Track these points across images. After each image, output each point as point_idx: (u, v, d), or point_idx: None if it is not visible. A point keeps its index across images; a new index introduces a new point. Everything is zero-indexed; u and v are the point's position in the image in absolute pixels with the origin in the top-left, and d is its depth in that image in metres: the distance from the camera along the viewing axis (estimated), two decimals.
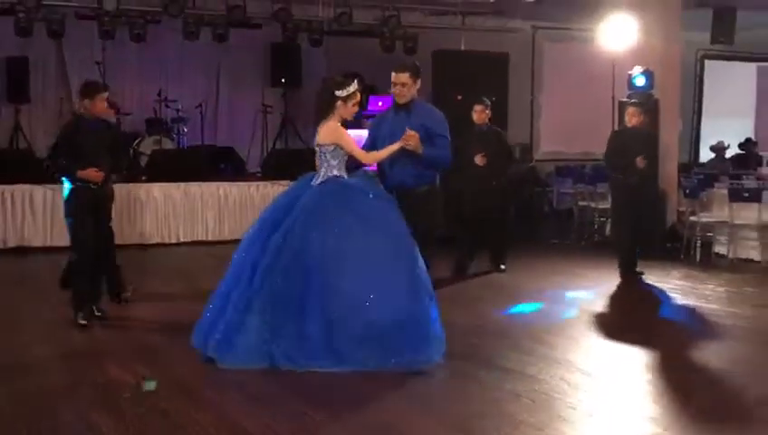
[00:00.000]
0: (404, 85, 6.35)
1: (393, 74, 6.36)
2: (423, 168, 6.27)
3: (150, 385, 5.25)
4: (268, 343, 5.57)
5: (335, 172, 5.98)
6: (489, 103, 9.65)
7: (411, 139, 6.02)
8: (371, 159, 6.20)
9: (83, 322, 6.99)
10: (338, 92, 5.98)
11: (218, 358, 5.65)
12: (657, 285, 9.11)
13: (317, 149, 6.07)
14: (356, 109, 6.09)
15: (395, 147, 6.07)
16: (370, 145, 6.47)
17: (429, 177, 6.41)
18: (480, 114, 9.52)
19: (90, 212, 7.06)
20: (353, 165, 6.14)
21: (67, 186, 7.06)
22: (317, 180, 6.03)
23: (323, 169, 6.01)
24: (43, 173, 11.93)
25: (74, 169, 6.95)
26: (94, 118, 7.11)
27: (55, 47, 13.93)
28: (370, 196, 5.99)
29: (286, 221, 5.79)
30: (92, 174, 6.96)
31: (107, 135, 7.29)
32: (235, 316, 5.65)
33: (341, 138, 5.97)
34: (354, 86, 6.02)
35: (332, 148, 5.95)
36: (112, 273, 7.58)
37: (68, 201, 7.07)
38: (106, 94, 7.17)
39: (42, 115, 13.93)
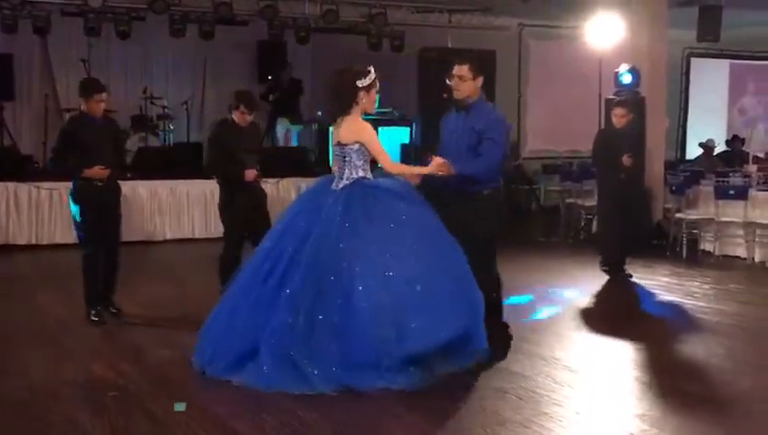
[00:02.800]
0: (461, 78, 5.93)
1: (455, 67, 5.97)
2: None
3: (180, 407, 4.93)
4: (306, 368, 5.04)
5: (360, 173, 5.45)
6: None
7: (438, 167, 5.60)
8: (395, 169, 5.62)
9: (95, 318, 7.01)
10: (359, 82, 5.43)
11: (252, 383, 5.12)
12: (643, 282, 9.12)
13: (336, 148, 5.51)
14: (376, 99, 5.58)
15: (424, 170, 5.63)
16: (441, 144, 6.03)
17: (492, 181, 5.99)
18: None
19: (97, 208, 6.99)
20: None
21: (72, 184, 7.03)
22: (339, 183, 5.47)
23: (347, 171, 5.44)
24: (29, 170, 12.02)
25: (80, 168, 6.90)
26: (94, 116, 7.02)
27: (40, 44, 13.87)
28: (403, 200, 5.45)
29: (313, 236, 5.25)
30: (98, 172, 6.90)
31: (110, 131, 7.23)
32: (270, 342, 5.14)
33: (368, 136, 5.44)
34: (373, 73, 5.49)
35: (357, 146, 5.41)
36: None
37: (74, 198, 7.03)
38: (103, 95, 6.98)
39: (27, 112, 13.87)
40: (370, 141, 5.44)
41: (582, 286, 8.81)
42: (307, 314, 5.10)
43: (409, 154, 13.35)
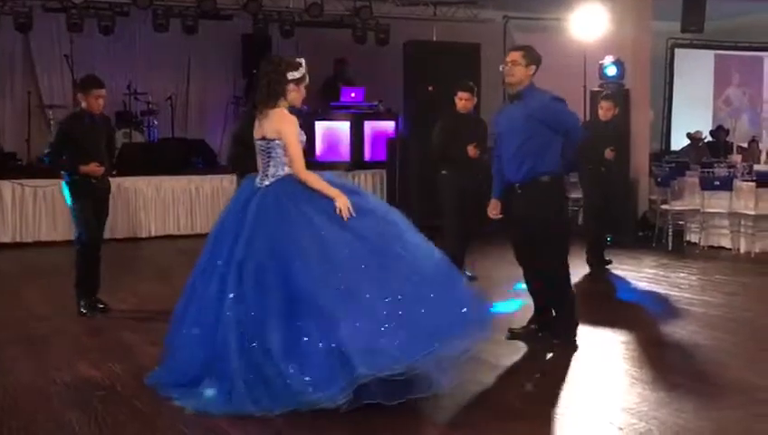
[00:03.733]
0: (514, 63, 5.87)
1: (509, 53, 5.95)
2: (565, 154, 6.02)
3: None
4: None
5: (286, 170, 5.07)
6: (476, 89, 8.71)
7: (343, 207, 4.88)
8: (305, 176, 5.03)
9: (85, 311, 7.10)
10: (290, 75, 5.14)
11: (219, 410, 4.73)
12: (629, 273, 9.16)
13: (261, 142, 5.15)
14: (304, 93, 5.26)
15: (333, 192, 4.94)
16: (497, 138, 6.01)
17: (552, 164, 5.95)
18: (467, 102, 8.53)
19: (90, 204, 7.10)
20: None
21: (67, 179, 7.08)
22: (264, 181, 5.10)
23: (271, 168, 5.09)
24: (12, 168, 11.94)
25: (76, 165, 6.97)
26: (93, 112, 7.08)
27: (22, 40, 13.76)
28: (352, 194, 5.06)
29: (240, 242, 4.89)
30: (94, 169, 7.00)
31: (105, 128, 7.36)
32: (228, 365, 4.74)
33: (287, 133, 5.04)
34: (304, 67, 5.21)
35: (281, 141, 5.06)
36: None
37: (69, 194, 7.08)
38: (102, 91, 7.07)
39: (9, 109, 13.77)
40: (288, 140, 5.04)
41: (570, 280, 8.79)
42: (263, 330, 4.72)
43: (395, 147, 13.34)
